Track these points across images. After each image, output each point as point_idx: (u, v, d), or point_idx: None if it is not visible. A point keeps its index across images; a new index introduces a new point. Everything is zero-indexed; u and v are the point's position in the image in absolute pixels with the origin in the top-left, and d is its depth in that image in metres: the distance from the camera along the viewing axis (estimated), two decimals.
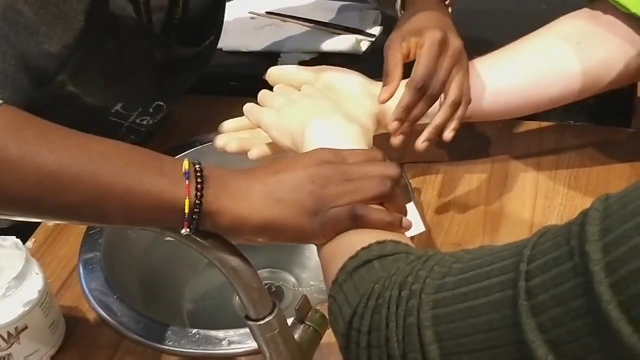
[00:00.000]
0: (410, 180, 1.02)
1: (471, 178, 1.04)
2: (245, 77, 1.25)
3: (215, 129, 0.98)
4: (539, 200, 0.99)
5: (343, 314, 0.59)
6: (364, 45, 1.27)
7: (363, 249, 0.62)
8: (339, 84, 0.96)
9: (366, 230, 0.65)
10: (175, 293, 1.05)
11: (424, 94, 0.89)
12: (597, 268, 0.46)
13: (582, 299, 0.47)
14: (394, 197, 0.69)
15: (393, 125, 0.90)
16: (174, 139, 1.16)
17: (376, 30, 1.30)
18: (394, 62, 0.91)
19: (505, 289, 0.51)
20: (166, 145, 1.12)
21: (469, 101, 0.92)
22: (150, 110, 1.02)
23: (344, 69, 0.99)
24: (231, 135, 0.96)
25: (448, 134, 0.92)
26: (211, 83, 1.19)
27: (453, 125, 0.91)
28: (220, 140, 0.96)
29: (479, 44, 1.03)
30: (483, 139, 1.10)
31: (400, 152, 1.00)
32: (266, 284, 1.04)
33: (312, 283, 1.04)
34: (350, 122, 0.84)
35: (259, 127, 0.89)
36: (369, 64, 1.17)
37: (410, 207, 0.78)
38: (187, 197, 0.63)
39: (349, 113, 0.88)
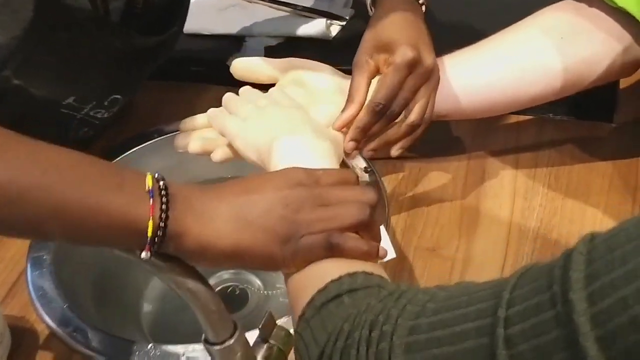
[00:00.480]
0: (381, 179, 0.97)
1: (446, 176, 0.99)
2: (209, 62, 1.18)
3: (175, 118, 0.92)
4: (517, 200, 0.94)
5: (310, 354, 0.53)
6: (334, 29, 1.20)
7: (333, 281, 0.56)
8: (309, 80, 0.90)
9: (337, 260, 0.60)
10: (132, 296, 0.99)
11: (383, 115, 0.84)
12: (583, 319, 0.42)
13: (565, 352, 0.43)
14: (372, 224, 0.63)
15: (348, 145, 0.85)
16: (131, 129, 1.08)
17: (347, 13, 1.23)
18: (358, 83, 0.86)
19: (482, 335, 0.46)
20: (123, 136, 1.05)
21: (429, 123, 0.87)
22: (105, 103, 0.95)
23: (315, 62, 0.94)
24: (193, 134, 0.90)
25: (395, 152, 0.88)
26: (171, 68, 1.12)
27: (405, 144, 0.87)
28: (182, 140, 0.90)
29: (460, 32, 0.98)
30: (458, 132, 1.04)
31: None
32: (229, 287, 0.98)
33: (278, 286, 0.98)
34: (321, 138, 0.78)
35: (223, 136, 0.84)
36: (340, 50, 1.12)
37: (382, 231, 0.72)
38: (150, 217, 0.57)
39: (319, 127, 0.82)
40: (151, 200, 0.57)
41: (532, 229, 0.91)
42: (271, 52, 1.16)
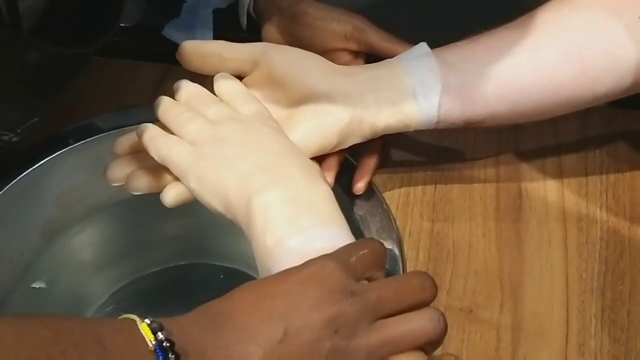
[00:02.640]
0: (387, 202, 0.72)
1: (472, 195, 0.74)
2: (137, 31, 0.89)
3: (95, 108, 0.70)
4: (570, 232, 0.71)
5: None
6: None
7: None
8: (287, 77, 0.65)
9: None
10: None
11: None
12: None
13: None
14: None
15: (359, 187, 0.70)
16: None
17: None
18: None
19: None
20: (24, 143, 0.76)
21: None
22: (18, 131, 0.67)
23: (295, 48, 0.68)
24: (132, 163, 0.64)
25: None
26: None
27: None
28: (117, 171, 0.64)
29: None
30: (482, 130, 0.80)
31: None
32: None
33: None
34: (315, 181, 0.57)
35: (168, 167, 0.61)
36: None
37: None
38: None
39: (306, 160, 0.61)
40: None
41: (597, 276, 0.68)
42: (224, 20, 0.87)
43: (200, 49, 0.67)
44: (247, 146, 0.58)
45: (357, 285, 0.48)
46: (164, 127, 0.62)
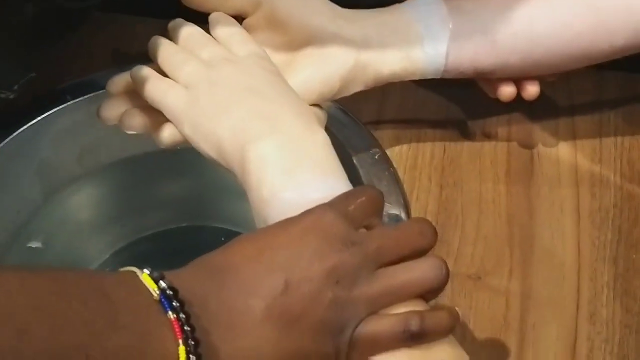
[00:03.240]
0: (394, 165, 0.70)
1: (482, 159, 0.72)
2: None
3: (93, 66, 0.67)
4: (583, 199, 0.69)
5: None
6: None
7: None
8: (290, 17, 0.63)
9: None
10: None
11: None
12: None
13: None
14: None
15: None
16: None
17: None
18: None
19: None
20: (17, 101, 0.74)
21: None
22: (14, 88, 0.65)
23: None
24: (127, 101, 0.62)
25: None
26: None
27: None
28: (110, 109, 0.63)
29: None
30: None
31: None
32: None
33: None
34: (312, 129, 0.55)
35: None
36: None
37: None
38: (180, 343, 0.41)
39: (305, 106, 0.58)
40: (171, 314, 0.41)
41: (609, 244, 0.66)
42: None
43: None
44: (242, 91, 0.56)
45: (357, 234, 0.47)
46: (159, 70, 0.60)
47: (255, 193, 0.52)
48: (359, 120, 0.72)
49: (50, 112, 0.73)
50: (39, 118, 0.72)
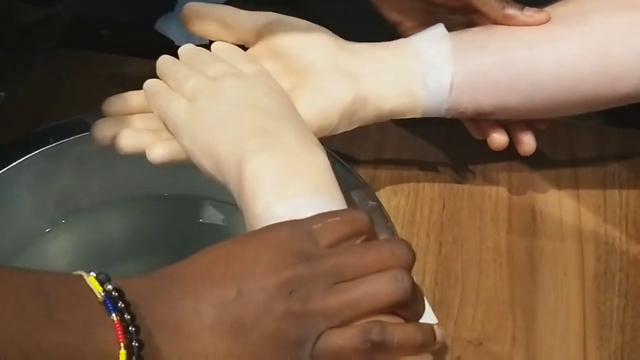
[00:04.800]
0: (392, 220, 0.67)
1: (483, 215, 0.69)
2: (128, 25, 0.83)
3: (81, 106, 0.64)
4: (588, 261, 0.66)
5: None
6: None
7: None
8: (291, 48, 0.63)
9: None
10: None
11: None
12: None
13: None
14: (416, 297, 0.46)
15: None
16: (15, 125, 0.74)
17: None
18: None
19: None
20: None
21: None
22: None
23: (302, 21, 0.64)
24: (122, 122, 0.61)
25: None
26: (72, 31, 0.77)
27: None
28: (104, 129, 0.61)
29: None
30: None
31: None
32: None
33: None
34: (312, 148, 0.55)
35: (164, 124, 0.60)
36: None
37: None
38: (121, 347, 0.40)
39: (304, 127, 0.58)
40: (114, 316, 0.41)
41: (616, 310, 0.63)
42: None
43: (204, 13, 0.64)
44: (244, 106, 0.56)
45: (317, 249, 0.45)
46: None
47: (249, 208, 0.52)
48: (355, 171, 0.69)
49: (30, 155, 0.69)
50: (16, 162, 0.68)
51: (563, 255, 0.66)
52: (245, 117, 0.55)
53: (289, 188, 0.52)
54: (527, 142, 0.67)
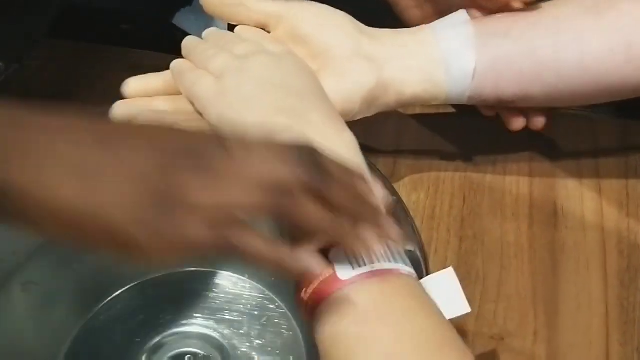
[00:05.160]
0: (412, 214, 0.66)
1: (504, 210, 0.68)
2: (146, 18, 0.83)
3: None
4: (610, 255, 0.65)
5: None
6: None
7: None
8: (312, 33, 0.62)
9: None
10: None
11: None
12: None
13: None
14: (301, 209, 0.43)
15: None
16: None
17: None
18: None
19: None
20: None
21: None
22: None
23: (323, 5, 0.63)
24: (140, 103, 0.61)
25: None
26: (91, 24, 0.78)
27: None
28: (123, 108, 0.60)
29: None
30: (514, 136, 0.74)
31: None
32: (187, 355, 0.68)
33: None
34: (339, 127, 0.54)
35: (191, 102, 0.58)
36: None
37: (451, 276, 0.53)
38: None
39: (331, 107, 0.57)
40: None
41: (639, 305, 0.63)
42: None
43: None
44: (271, 84, 0.55)
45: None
46: None
47: None
48: (374, 165, 0.68)
49: None
50: None
51: (585, 250, 0.66)
52: (274, 94, 0.55)
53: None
54: (538, 120, 0.66)
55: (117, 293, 0.74)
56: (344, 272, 0.45)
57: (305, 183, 0.43)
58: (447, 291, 0.50)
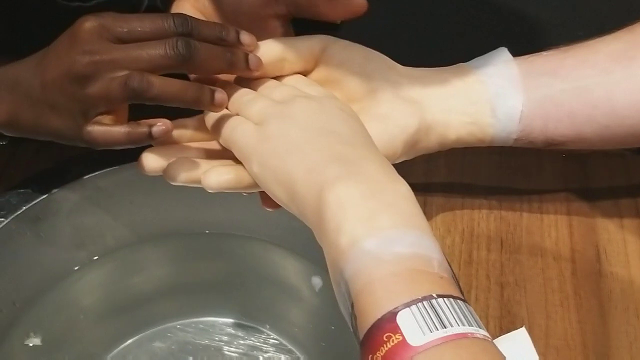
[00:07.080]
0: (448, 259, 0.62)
1: (544, 255, 0.64)
2: None
3: None
4: None
5: None
6: None
7: None
8: (349, 76, 0.58)
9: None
10: None
11: None
12: None
13: None
14: (199, 61, 0.52)
15: None
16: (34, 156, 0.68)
17: None
18: None
19: None
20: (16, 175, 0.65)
21: None
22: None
23: (358, 45, 0.59)
24: (171, 153, 0.56)
25: None
26: None
27: None
28: (153, 160, 0.55)
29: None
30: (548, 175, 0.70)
31: None
32: None
33: None
34: (393, 178, 0.49)
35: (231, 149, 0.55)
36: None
37: (523, 336, 0.54)
38: None
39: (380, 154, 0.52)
40: None
41: None
42: None
43: (266, 56, 0.57)
44: (317, 129, 0.51)
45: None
46: None
47: (331, 241, 0.46)
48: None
49: (53, 191, 0.64)
50: (40, 198, 0.63)
51: (633, 297, 0.62)
52: (321, 142, 0.50)
53: (377, 220, 0.46)
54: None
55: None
56: (415, 338, 0.41)
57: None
58: (519, 352, 0.46)
